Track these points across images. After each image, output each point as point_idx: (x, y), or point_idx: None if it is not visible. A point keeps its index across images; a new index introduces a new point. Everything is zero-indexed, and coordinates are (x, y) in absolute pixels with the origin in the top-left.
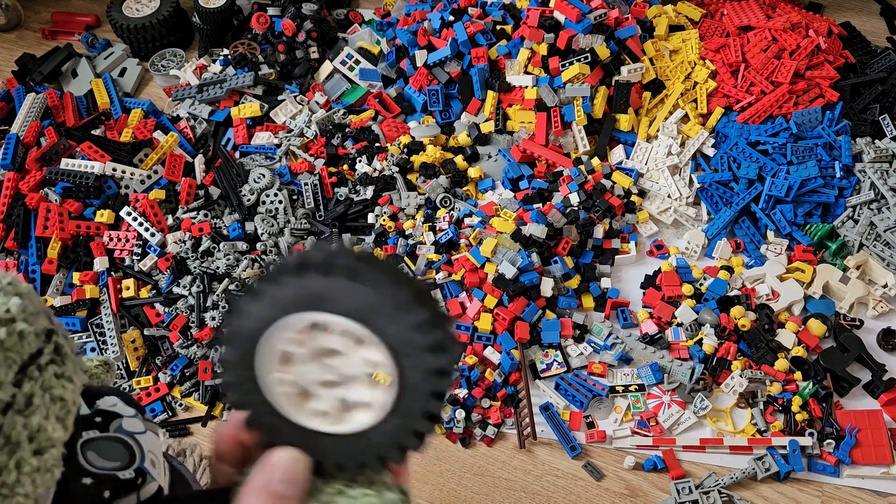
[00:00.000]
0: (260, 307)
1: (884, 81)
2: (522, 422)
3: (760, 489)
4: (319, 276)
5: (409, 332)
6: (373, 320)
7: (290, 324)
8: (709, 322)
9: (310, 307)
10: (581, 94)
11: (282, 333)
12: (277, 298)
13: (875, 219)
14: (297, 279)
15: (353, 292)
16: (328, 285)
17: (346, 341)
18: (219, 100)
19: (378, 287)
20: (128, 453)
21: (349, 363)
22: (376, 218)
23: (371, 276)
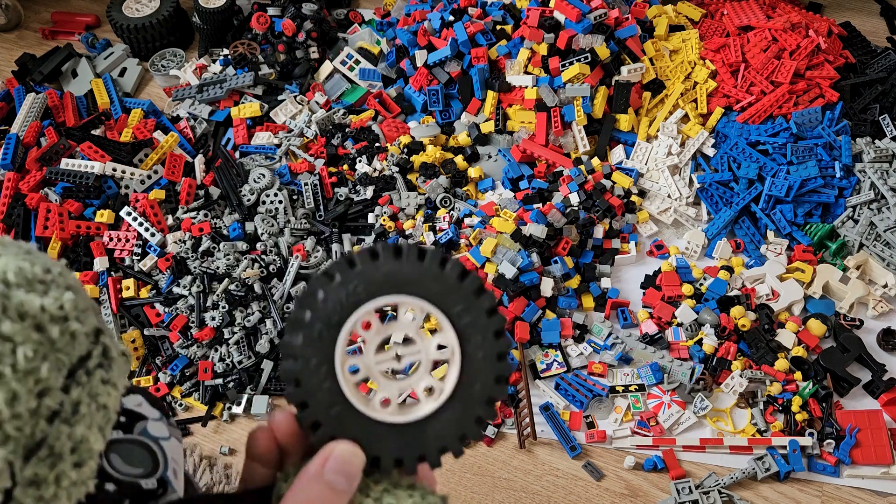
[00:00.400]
0: (341, 291)
1: (884, 81)
2: (522, 422)
3: (760, 489)
4: (392, 259)
5: (479, 317)
6: (444, 303)
7: (370, 308)
8: (709, 322)
9: (393, 290)
10: (581, 94)
11: (360, 318)
12: (361, 281)
13: (875, 219)
14: (373, 264)
15: (426, 276)
16: (402, 268)
17: (414, 327)
18: (219, 100)
19: (450, 272)
20: (151, 460)
21: (413, 351)
22: (376, 218)
23: (438, 260)
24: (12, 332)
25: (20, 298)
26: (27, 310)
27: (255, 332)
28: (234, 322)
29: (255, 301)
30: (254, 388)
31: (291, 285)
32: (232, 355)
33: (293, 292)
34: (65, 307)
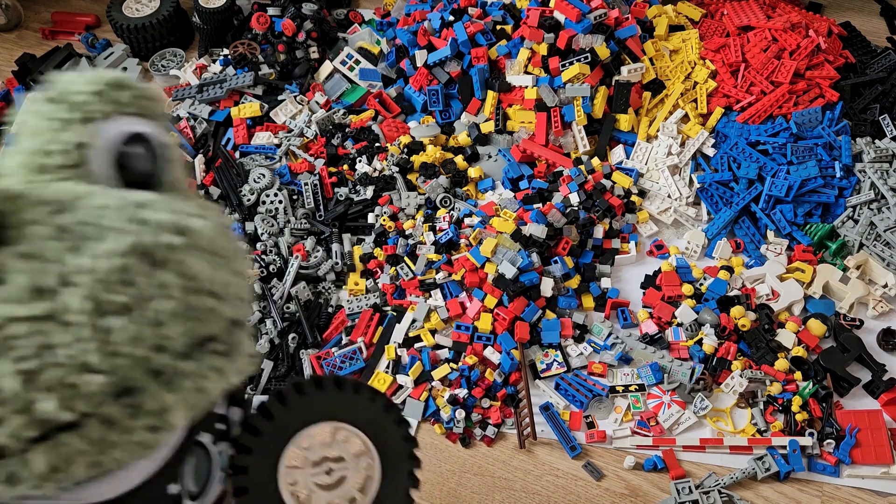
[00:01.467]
0: (291, 415)
1: (884, 81)
2: (522, 422)
3: (760, 489)
4: (335, 390)
5: (399, 443)
6: (371, 430)
7: (312, 430)
8: (709, 322)
9: (330, 416)
10: (581, 94)
11: (302, 438)
12: (305, 408)
13: (875, 219)
14: (318, 393)
15: (359, 407)
16: (341, 399)
17: (345, 448)
18: (219, 100)
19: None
20: (202, 485)
21: (343, 467)
22: (376, 218)
23: (369, 395)
24: (169, 283)
25: (192, 261)
26: (191, 272)
27: (255, 331)
28: None
29: (255, 301)
30: (253, 388)
31: (291, 285)
32: None
33: (293, 292)
34: (225, 285)
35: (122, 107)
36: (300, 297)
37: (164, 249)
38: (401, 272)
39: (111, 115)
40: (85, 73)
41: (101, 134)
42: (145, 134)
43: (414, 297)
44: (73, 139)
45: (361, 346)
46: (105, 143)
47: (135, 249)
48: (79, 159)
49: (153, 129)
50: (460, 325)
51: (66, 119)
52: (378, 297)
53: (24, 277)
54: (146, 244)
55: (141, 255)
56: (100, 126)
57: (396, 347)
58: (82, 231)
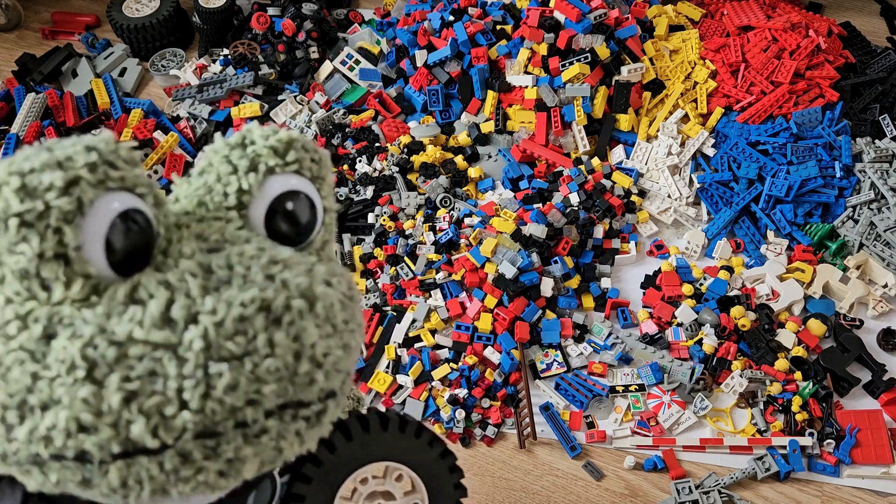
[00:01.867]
0: (353, 450)
1: (884, 81)
2: (522, 422)
3: (760, 489)
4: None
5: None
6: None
7: (371, 468)
8: (709, 322)
9: (390, 458)
10: (581, 94)
11: (361, 474)
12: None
13: (875, 219)
14: (381, 433)
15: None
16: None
17: (398, 487)
18: (219, 100)
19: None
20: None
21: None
22: (376, 218)
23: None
24: (278, 342)
25: (305, 324)
26: (302, 337)
27: None
28: None
29: None
30: None
31: None
32: None
33: None
34: (329, 355)
35: (291, 165)
36: None
37: (286, 311)
38: (401, 272)
39: (279, 172)
40: (271, 128)
41: (265, 186)
42: (306, 194)
43: (414, 297)
44: (239, 184)
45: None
46: (267, 195)
47: (260, 304)
48: (240, 203)
49: (315, 190)
50: (460, 325)
51: (239, 165)
52: (378, 297)
53: (158, 305)
54: (271, 302)
55: (263, 311)
56: (267, 178)
57: (396, 347)
58: (221, 275)
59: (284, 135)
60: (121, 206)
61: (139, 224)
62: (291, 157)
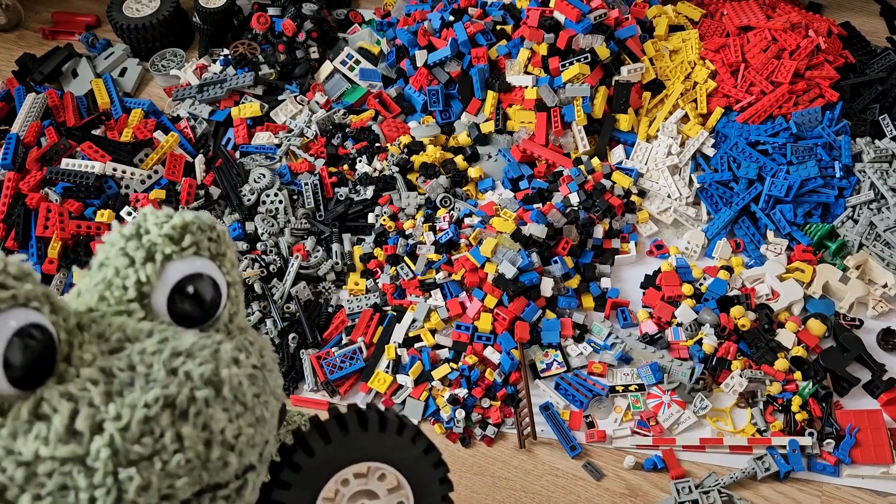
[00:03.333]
0: (332, 452)
1: (884, 81)
2: (522, 422)
3: (760, 489)
4: (378, 431)
5: (434, 484)
6: (406, 471)
7: (352, 469)
8: (709, 322)
9: (371, 457)
10: (581, 94)
11: (341, 475)
12: (346, 448)
13: (875, 219)
14: (361, 433)
15: (398, 448)
16: (381, 440)
17: (382, 486)
18: (219, 100)
19: (418, 446)
20: None
21: (377, 501)
22: (376, 218)
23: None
24: (186, 435)
25: (213, 412)
26: (211, 425)
27: None
28: None
29: (256, 301)
30: None
31: (291, 285)
32: None
33: (293, 292)
34: (240, 437)
35: (188, 249)
36: (300, 297)
37: (191, 403)
38: (401, 272)
39: (176, 258)
40: (163, 212)
41: (164, 273)
42: (207, 274)
43: (414, 297)
44: (137, 277)
45: (361, 345)
46: (167, 282)
47: (164, 402)
48: (141, 294)
49: (216, 268)
50: (460, 324)
51: (135, 257)
52: (378, 297)
53: (62, 419)
54: (175, 397)
55: (168, 408)
56: (166, 266)
57: (396, 347)
58: (123, 378)
59: (178, 219)
60: (17, 323)
61: (36, 338)
62: (188, 241)
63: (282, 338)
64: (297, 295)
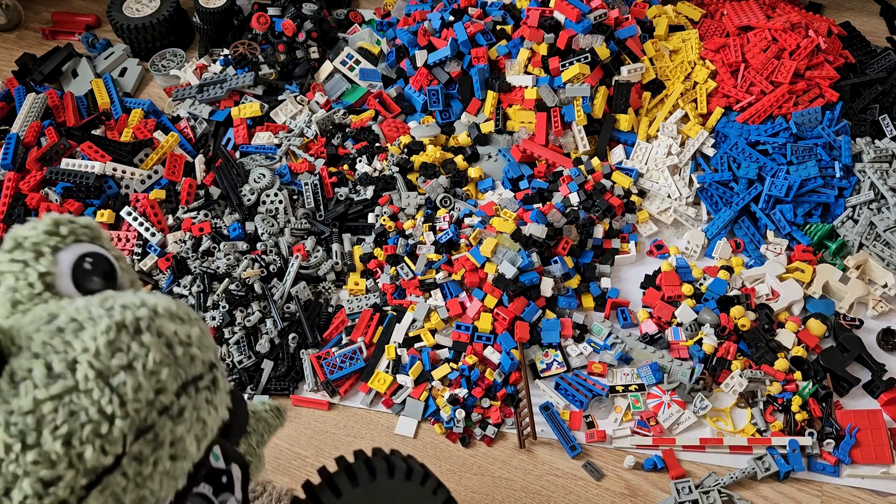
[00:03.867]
0: (358, 496)
1: (884, 81)
2: (522, 421)
3: (760, 489)
4: (387, 478)
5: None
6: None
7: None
8: (709, 322)
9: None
10: (581, 94)
11: None
12: (375, 492)
13: (875, 219)
14: (371, 482)
15: (407, 493)
16: (390, 486)
17: None
18: (219, 100)
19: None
20: None
21: None
22: (376, 218)
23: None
24: (149, 342)
25: (161, 323)
26: (163, 331)
27: (255, 331)
28: (234, 322)
29: (256, 301)
30: (254, 387)
31: (292, 285)
32: (232, 355)
33: (293, 292)
34: (191, 337)
35: (68, 237)
36: (300, 297)
37: (138, 320)
38: (401, 272)
39: (62, 247)
40: (31, 221)
41: (58, 262)
42: (95, 252)
43: (414, 297)
44: (35, 272)
45: (361, 345)
46: (63, 267)
47: (116, 326)
48: (45, 287)
49: (99, 247)
50: (460, 325)
51: (24, 259)
52: (378, 297)
53: (40, 368)
54: (123, 320)
55: (123, 329)
56: (56, 256)
57: (396, 347)
58: (72, 326)
59: (47, 219)
60: None
61: None
62: (65, 231)
63: (282, 338)
64: (297, 295)
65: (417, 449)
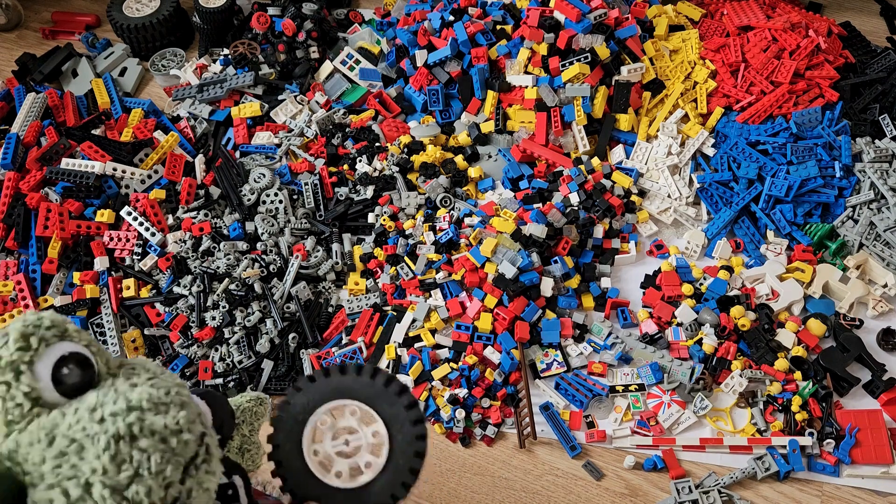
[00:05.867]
0: (304, 398)
1: (884, 81)
2: (522, 421)
3: (760, 489)
4: (340, 375)
5: (400, 411)
6: (376, 404)
7: (323, 409)
8: (709, 322)
9: (339, 396)
10: (581, 93)
11: (317, 416)
12: (317, 392)
13: (875, 219)
14: (326, 379)
15: (362, 385)
16: (347, 381)
17: (356, 420)
18: (219, 99)
19: (378, 381)
20: None
21: (357, 437)
22: (376, 218)
23: (370, 373)
24: (146, 445)
25: (151, 421)
26: (156, 428)
27: (255, 331)
28: (234, 322)
29: (256, 301)
30: (254, 387)
31: (292, 285)
32: (232, 355)
33: (293, 292)
34: (180, 423)
35: (39, 348)
36: (300, 296)
37: (129, 426)
38: (401, 272)
39: (36, 359)
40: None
41: (38, 377)
42: (68, 353)
43: (414, 296)
44: (20, 393)
45: (361, 345)
46: (45, 382)
47: (114, 440)
48: (33, 402)
49: (70, 345)
50: (460, 324)
51: (6, 381)
52: (378, 297)
53: (60, 498)
54: (118, 431)
55: (119, 440)
56: (35, 370)
57: (396, 347)
58: (73, 448)
59: (14, 334)
60: None
61: None
62: (35, 342)
63: (282, 338)
64: (297, 295)
65: None
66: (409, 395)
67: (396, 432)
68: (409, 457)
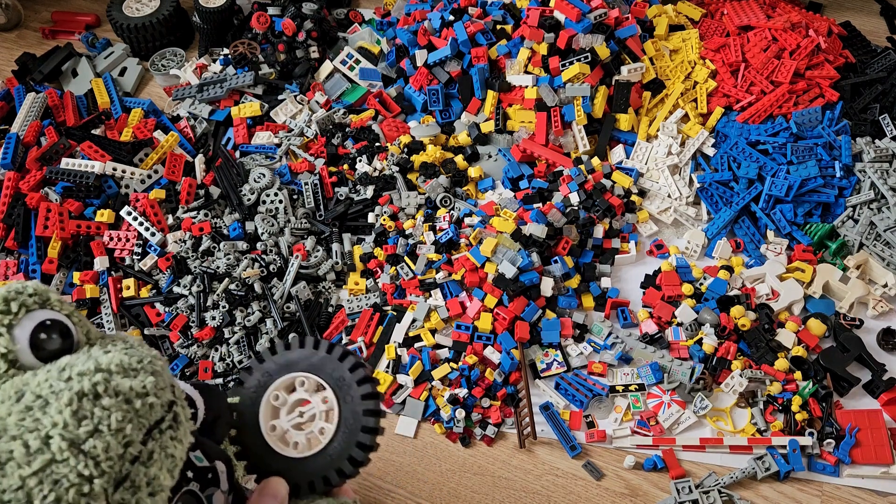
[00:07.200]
0: (256, 379)
1: (884, 81)
2: (522, 421)
3: (760, 489)
4: (285, 351)
5: (345, 374)
6: (322, 371)
7: (274, 385)
8: (709, 322)
9: (287, 371)
10: (581, 93)
11: (269, 393)
12: (265, 370)
13: (875, 218)
14: (274, 356)
15: (309, 356)
16: (294, 356)
17: (306, 391)
18: (219, 99)
19: (321, 349)
20: None
21: (311, 408)
22: (376, 217)
23: (313, 344)
24: (109, 404)
25: (117, 382)
26: (120, 389)
27: (255, 331)
28: (234, 322)
29: (256, 301)
30: None
31: (291, 285)
32: (232, 355)
33: (293, 292)
34: (146, 387)
35: (20, 312)
36: (300, 296)
37: (94, 385)
38: (401, 272)
39: (15, 323)
40: None
41: (16, 339)
42: (48, 319)
43: (414, 296)
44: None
45: (361, 345)
46: (22, 344)
47: (77, 396)
48: (9, 364)
49: (51, 312)
50: (460, 324)
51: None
52: (378, 297)
53: (20, 448)
54: (82, 389)
55: (83, 398)
56: (12, 334)
57: (396, 347)
58: (38, 404)
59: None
60: None
61: None
62: (14, 306)
63: (282, 338)
64: (297, 295)
65: (417, 449)
66: (352, 357)
67: (344, 394)
68: (359, 416)
